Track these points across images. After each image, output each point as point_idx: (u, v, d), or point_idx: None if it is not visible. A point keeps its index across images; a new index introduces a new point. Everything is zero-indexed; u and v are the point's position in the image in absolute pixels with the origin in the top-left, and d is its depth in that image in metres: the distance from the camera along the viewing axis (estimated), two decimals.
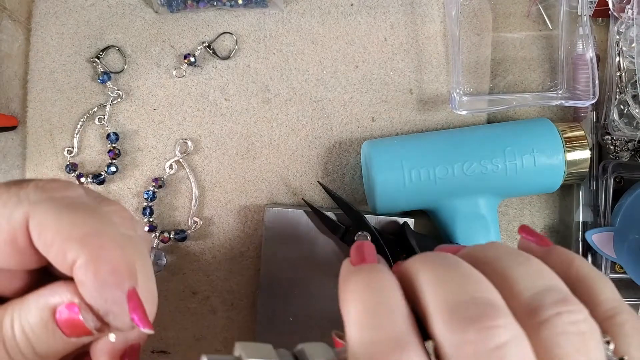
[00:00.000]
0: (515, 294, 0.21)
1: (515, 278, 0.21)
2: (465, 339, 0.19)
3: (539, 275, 0.22)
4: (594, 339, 0.20)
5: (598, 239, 0.44)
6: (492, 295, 0.21)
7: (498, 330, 0.19)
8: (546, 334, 0.20)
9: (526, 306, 0.21)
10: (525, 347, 0.20)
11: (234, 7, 0.45)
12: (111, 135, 0.45)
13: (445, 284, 0.21)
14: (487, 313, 0.20)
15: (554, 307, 0.20)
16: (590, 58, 0.43)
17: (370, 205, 0.44)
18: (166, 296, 0.46)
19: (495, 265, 0.22)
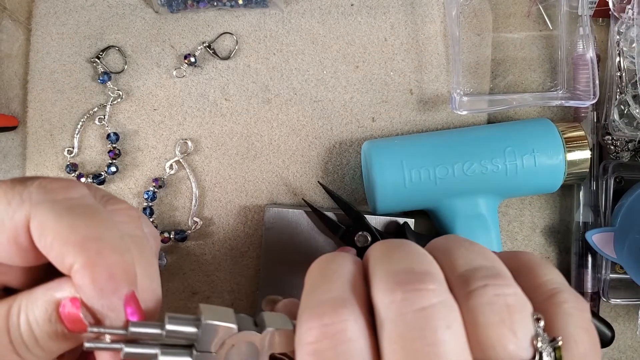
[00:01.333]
0: (453, 269, 0.22)
1: (455, 256, 0.23)
2: (393, 298, 0.20)
3: (479, 256, 0.23)
4: (520, 312, 0.21)
5: (598, 239, 0.44)
6: (431, 268, 0.22)
7: (426, 293, 0.20)
8: (472, 303, 0.21)
9: (459, 278, 0.22)
10: (452, 312, 0.20)
11: (234, 7, 0.45)
12: (111, 135, 0.45)
13: (389, 257, 0.23)
14: (418, 279, 0.21)
15: (483, 280, 0.21)
16: (591, 58, 0.43)
17: (371, 205, 0.44)
18: (166, 296, 0.46)
19: (444, 248, 0.24)
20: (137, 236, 0.25)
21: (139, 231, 0.25)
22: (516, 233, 0.47)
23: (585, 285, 0.46)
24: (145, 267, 0.24)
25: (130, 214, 0.25)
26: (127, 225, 0.25)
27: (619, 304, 0.47)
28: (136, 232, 0.25)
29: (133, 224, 0.25)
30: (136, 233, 0.25)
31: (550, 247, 0.48)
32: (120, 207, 0.25)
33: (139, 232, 0.25)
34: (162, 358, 0.22)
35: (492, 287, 0.21)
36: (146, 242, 0.25)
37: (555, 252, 0.48)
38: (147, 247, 0.25)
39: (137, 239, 0.25)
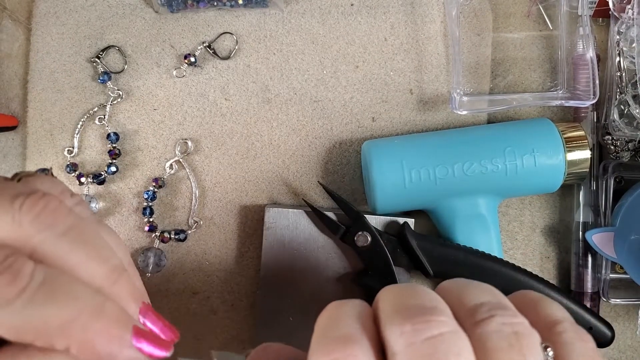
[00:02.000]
0: (461, 304, 0.23)
1: (464, 293, 0.24)
2: (402, 330, 0.21)
3: (486, 293, 0.24)
4: (528, 338, 0.21)
5: (598, 239, 0.44)
6: (439, 304, 0.23)
7: (434, 324, 0.21)
8: (480, 331, 0.21)
9: (467, 311, 0.22)
10: (461, 341, 0.21)
11: (234, 7, 0.45)
12: (111, 135, 0.45)
13: (399, 296, 0.23)
14: (427, 312, 0.22)
15: (490, 311, 0.22)
16: (591, 58, 0.43)
17: (370, 206, 0.44)
18: (167, 296, 0.46)
19: (453, 288, 0.25)
20: (68, 230, 0.23)
21: (67, 222, 0.23)
22: (516, 233, 0.47)
23: (585, 285, 0.46)
24: (95, 253, 0.23)
25: (50, 209, 0.23)
26: (54, 227, 0.23)
27: (619, 304, 0.47)
28: (65, 225, 0.23)
29: (57, 219, 0.23)
30: (65, 227, 0.23)
31: (550, 247, 0.48)
32: (39, 206, 0.23)
33: (67, 224, 0.23)
34: None
35: (499, 317, 0.22)
36: (79, 225, 0.24)
37: (555, 252, 0.48)
38: (83, 230, 0.24)
39: (70, 234, 0.23)
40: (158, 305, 0.46)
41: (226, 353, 0.23)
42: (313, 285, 0.43)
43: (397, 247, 0.42)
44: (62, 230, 0.23)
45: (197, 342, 0.46)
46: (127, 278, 0.24)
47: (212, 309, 0.46)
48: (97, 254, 0.24)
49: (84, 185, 0.45)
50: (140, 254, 0.45)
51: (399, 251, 0.42)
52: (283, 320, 0.43)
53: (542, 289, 0.41)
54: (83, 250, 0.23)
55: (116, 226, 0.46)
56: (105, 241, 0.25)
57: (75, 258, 0.23)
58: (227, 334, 0.47)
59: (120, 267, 0.24)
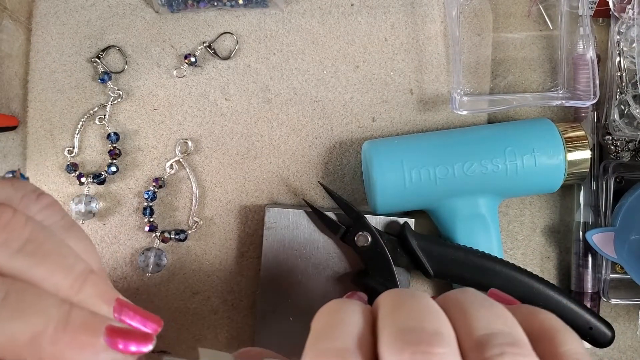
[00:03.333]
0: (469, 331, 0.21)
1: (473, 317, 0.22)
2: (400, 358, 0.19)
3: (498, 320, 0.22)
4: None
5: (598, 239, 0.44)
6: (443, 328, 0.21)
7: (434, 357, 0.19)
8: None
9: (475, 342, 0.21)
10: None
11: (235, 7, 0.45)
12: (111, 135, 0.45)
13: (399, 311, 0.22)
14: (428, 340, 0.20)
15: (501, 347, 0.20)
16: (591, 58, 0.43)
17: (371, 206, 0.44)
18: (167, 296, 0.46)
19: (461, 305, 0.23)
20: (25, 244, 0.22)
21: (22, 235, 0.23)
22: (516, 233, 0.47)
23: (586, 285, 0.46)
24: (57, 265, 0.23)
25: (2, 223, 0.22)
26: (8, 244, 0.22)
27: (619, 304, 0.47)
28: (20, 240, 0.23)
29: (11, 234, 0.22)
30: (21, 242, 0.22)
31: (550, 247, 0.48)
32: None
33: (23, 237, 0.23)
34: None
35: (509, 356, 0.20)
36: (39, 235, 0.23)
37: (555, 252, 0.48)
38: (43, 240, 0.23)
39: (27, 248, 0.22)
40: (158, 305, 0.46)
41: (213, 351, 0.23)
42: (313, 285, 0.43)
43: (397, 247, 0.42)
44: (17, 247, 0.22)
45: (197, 342, 0.46)
46: (93, 281, 0.23)
47: (212, 309, 0.46)
48: (58, 265, 0.23)
49: (84, 185, 0.45)
50: (140, 254, 0.45)
51: (399, 251, 0.42)
52: (283, 320, 0.43)
53: (542, 289, 0.41)
54: (42, 264, 0.22)
55: (116, 226, 0.46)
56: (67, 248, 0.24)
57: (36, 272, 0.22)
58: (227, 334, 0.47)
59: (85, 272, 0.23)
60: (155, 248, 0.45)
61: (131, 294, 0.46)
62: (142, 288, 0.46)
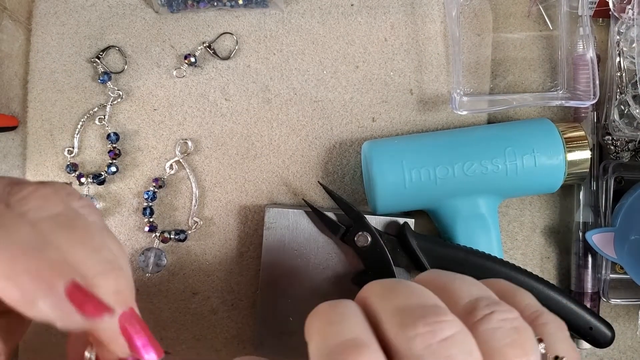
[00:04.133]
0: (455, 301, 0.24)
1: (454, 289, 0.24)
2: (417, 332, 0.21)
3: (474, 287, 0.25)
4: (527, 334, 0.22)
5: (598, 240, 0.44)
6: (436, 301, 0.23)
7: (446, 325, 0.21)
8: (483, 329, 0.22)
9: (464, 309, 0.23)
10: (470, 340, 0.22)
11: (235, 7, 0.45)
12: (111, 135, 0.45)
13: (393, 295, 0.23)
14: (434, 312, 0.22)
15: (488, 308, 0.23)
16: (591, 58, 0.43)
17: (371, 206, 0.44)
18: (167, 296, 0.46)
19: (437, 282, 0.25)
20: (58, 215, 0.23)
21: (59, 208, 0.23)
22: (516, 233, 0.47)
23: (585, 285, 0.46)
24: (83, 242, 0.23)
25: (42, 194, 0.23)
26: (41, 210, 0.23)
27: (619, 304, 0.47)
28: (55, 210, 0.23)
29: (49, 204, 0.23)
30: (55, 212, 0.23)
31: (550, 247, 0.48)
32: (26, 192, 0.23)
33: (58, 209, 0.23)
34: None
35: (498, 314, 0.23)
36: (74, 216, 0.23)
37: (555, 252, 0.48)
38: (77, 221, 0.23)
39: (59, 219, 0.23)
40: (158, 305, 0.46)
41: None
42: (313, 285, 0.43)
43: (397, 247, 0.42)
44: (50, 214, 0.23)
45: (197, 342, 0.46)
46: (117, 275, 0.23)
47: (212, 309, 0.46)
48: (87, 242, 0.23)
49: (84, 185, 0.45)
50: (140, 254, 0.45)
51: (399, 251, 0.42)
52: (283, 320, 0.43)
53: (542, 289, 0.41)
54: (71, 235, 0.22)
55: (116, 226, 0.46)
56: (103, 237, 0.24)
57: (61, 239, 0.22)
58: (227, 334, 0.47)
59: (113, 263, 0.23)
60: (155, 248, 0.45)
61: None
62: (142, 288, 0.46)
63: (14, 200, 0.23)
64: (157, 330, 0.46)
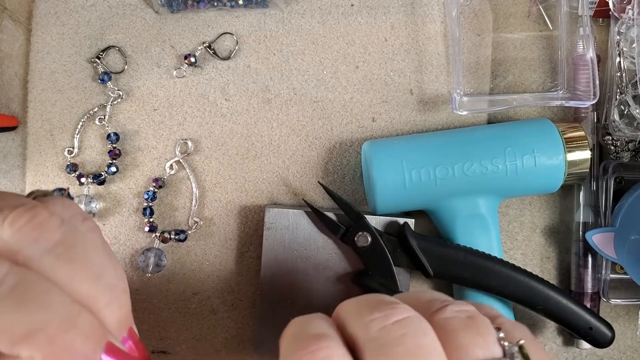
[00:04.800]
0: (416, 302, 0.25)
1: (415, 295, 0.26)
2: (372, 318, 0.23)
3: (435, 294, 0.27)
4: (482, 320, 0.23)
5: (598, 240, 0.44)
6: (395, 299, 0.25)
7: (399, 310, 0.23)
8: (439, 317, 0.24)
9: (422, 305, 0.25)
10: (424, 323, 0.23)
11: (235, 8, 0.45)
12: (111, 135, 0.45)
13: (358, 300, 0.25)
14: (390, 303, 0.24)
15: (443, 303, 0.25)
16: (591, 58, 0.43)
17: (371, 206, 0.44)
18: (167, 296, 0.46)
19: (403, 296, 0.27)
20: (56, 246, 0.23)
21: (56, 236, 0.23)
22: (516, 233, 0.47)
23: (585, 285, 0.46)
24: (85, 271, 0.23)
25: (37, 222, 0.22)
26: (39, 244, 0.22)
27: (619, 304, 0.47)
28: (53, 240, 0.23)
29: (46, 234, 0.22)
30: (53, 242, 0.22)
31: (550, 248, 0.48)
32: (23, 220, 0.22)
33: (56, 238, 0.23)
34: None
35: (452, 305, 0.24)
36: (72, 241, 0.23)
37: (555, 252, 0.48)
38: (75, 247, 0.23)
39: (58, 251, 0.22)
40: (158, 305, 0.46)
41: None
42: (313, 285, 0.43)
43: (397, 247, 0.42)
44: (47, 246, 0.22)
45: (197, 342, 0.46)
46: (120, 304, 0.24)
47: (212, 309, 0.46)
48: (88, 271, 0.23)
49: (84, 185, 0.45)
50: (140, 254, 0.45)
51: (399, 251, 0.42)
52: (283, 320, 0.43)
53: (542, 289, 0.41)
54: (70, 267, 0.22)
55: (116, 226, 0.46)
56: (104, 259, 0.24)
57: (62, 274, 0.22)
58: (227, 334, 0.47)
59: (117, 288, 0.24)
60: (155, 248, 0.45)
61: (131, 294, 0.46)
62: (142, 288, 0.46)
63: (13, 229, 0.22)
64: (157, 331, 0.46)
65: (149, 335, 0.46)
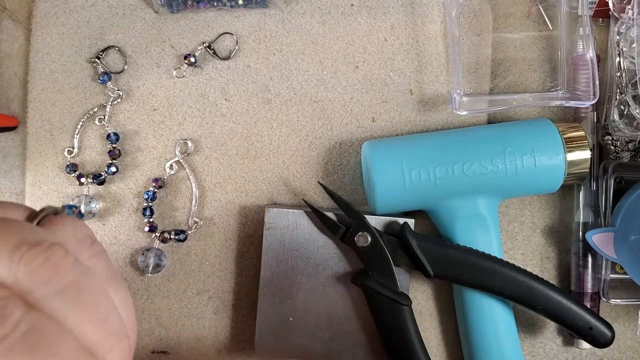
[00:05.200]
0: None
1: None
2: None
3: None
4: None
5: (598, 240, 0.44)
6: None
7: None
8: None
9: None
10: None
11: (234, 8, 0.45)
12: (111, 135, 0.45)
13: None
14: None
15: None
16: (591, 58, 0.43)
17: (370, 206, 0.44)
18: (166, 296, 0.46)
19: None
20: (67, 287, 0.22)
21: (68, 277, 0.23)
22: (516, 233, 0.47)
23: (586, 285, 0.46)
24: (91, 314, 0.23)
25: (52, 263, 0.22)
26: (50, 286, 0.22)
27: (619, 304, 0.47)
28: (64, 281, 0.22)
29: (58, 275, 0.22)
30: (64, 284, 0.22)
31: (550, 248, 0.48)
32: (39, 260, 0.22)
33: (68, 279, 0.22)
34: None
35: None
36: (82, 282, 0.23)
37: (555, 252, 0.48)
38: (84, 289, 0.23)
39: (67, 293, 0.22)
40: (158, 305, 0.46)
41: None
42: (313, 285, 0.43)
43: (397, 248, 0.42)
44: (59, 288, 0.22)
45: (197, 342, 0.46)
46: (122, 349, 0.23)
47: (212, 309, 0.46)
48: (94, 316, 0.23)
49: (84, 185, 0.45)
50: (140, 254, 0.45)
51: (399, 251, 0.42)
52: (283, 320, 0.43)
53: (542, 289, 0.41)
54: (78, 309, 0.22)
55: (116, 226, 0.46)
56: (106, 300, 0.24)
57: (70, 317, 0.22)
58: (227, 334, 0.47)
59: (120, 333, 0.24)
60: (155, 248, 0.45)
61: (131, 294, 0.46)
62: (142, 288, 0.46)
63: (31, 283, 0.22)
64: (157, 331, 0.46)
65: (149, 335, 0.46)
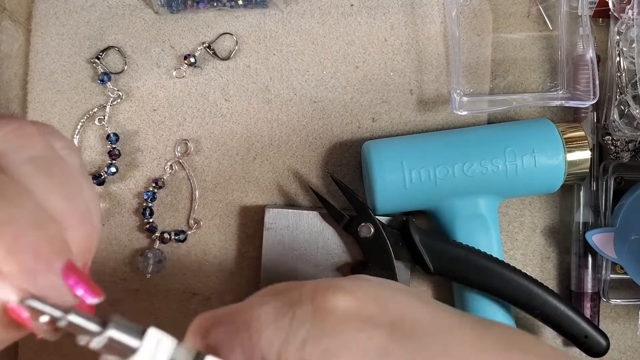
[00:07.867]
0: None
1: None
2: None
3: None
4: None
5: (598, 240, 0.44)
6: None
7: None
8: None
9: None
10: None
11: (234, 8, 0.45)
12: (111, 136, 0.45)
13: None
14: None
15: None
16: (591, 58, 0.43)
17: (370, 206, 0.44)
18: (166, 297, 0.46)
19: None
20: (38, 158, 0.23)
21: (39, 149, 0.23)
22: (516, 233, 0.47)
23: (586, 285, 0.46)
24: (60, 188, 0.23)
25: (25, 133, 0.23)
26: (22, 151, 0.23)
27: (619, 304, 0.47)
28: (35, 152, 0.23)
29: (30, 144, 0.23)
30: (35, 154, 0.23)
31: (550, 248, 0.48)
32: (11, 127, 0.23)
33: (39, 151, 0.23)
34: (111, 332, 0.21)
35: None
36: (54, 159, 0.23)
37: (555, 252, 0.48)
38: (56, 165, 0.23)
39: (38, 162, 0.23)
40: (158, 305, 0.46)
41: (126, 322, 0.22)
42: None
43: (400, 241, 0.42)
44: (30, 156, 0.23)
45: None
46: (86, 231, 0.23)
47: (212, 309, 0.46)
48: (63, 191, 0.23)
49: None
50: (140, 254, 0.45)
51: (400, 245, 0.42)
52: None
53: (540, 294, 0.41)
54: (48, 182, 0.22)
55: (116, 227, 0.46)
56: (79, 187, 0.24)
57: (39, 186, 0.22)
58: None
59: (86, 216, 0.23)
60: (155, 249, 0.45)
61: (131, 294, 0.46)
62: (142, 289, 0.46)
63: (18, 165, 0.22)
64: None
65: None
